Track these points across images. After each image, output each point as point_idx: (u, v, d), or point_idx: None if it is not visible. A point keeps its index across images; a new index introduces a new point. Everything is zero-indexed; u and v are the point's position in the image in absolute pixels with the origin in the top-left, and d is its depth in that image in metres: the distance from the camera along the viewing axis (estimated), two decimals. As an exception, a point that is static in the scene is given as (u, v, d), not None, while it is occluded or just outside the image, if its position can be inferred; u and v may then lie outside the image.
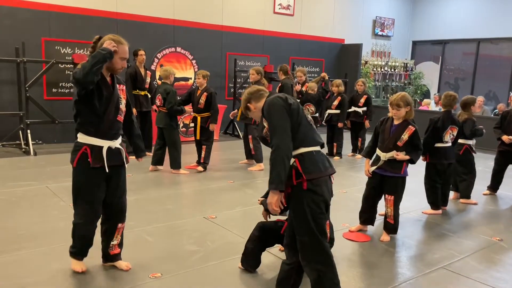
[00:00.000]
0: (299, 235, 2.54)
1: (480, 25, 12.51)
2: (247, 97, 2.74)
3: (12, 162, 6.37)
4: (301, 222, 2.51)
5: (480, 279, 3.28)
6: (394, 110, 3.83)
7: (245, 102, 2.75)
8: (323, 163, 2.55)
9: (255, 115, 2.78)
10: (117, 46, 2.77)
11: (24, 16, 7.41)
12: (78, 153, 2.82)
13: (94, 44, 2.82)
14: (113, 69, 2.84)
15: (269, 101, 2.56)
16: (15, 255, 3.33)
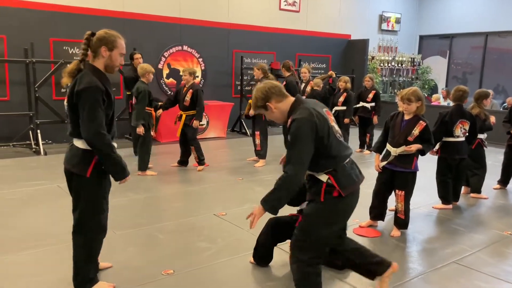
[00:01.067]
0: (303, 235, 2.51)
1: (488, 18, 12.39)
2: (265, 95, 2.49)
3: (23, 161, 6.43)
4: (312, 224, 2.50)
5: (492, 273, 3.27)
6: (405, 104, 3.81)
7: (262, 100, 2.50)
8: (355, 172, 2.53)
9: (273, 116, 2.54)
10: (116, 41, 2.60)
11: (32, 17, 7.46)
12: (92, 162, 2.57)
13: (86, 41, 2.57)
14: (112, 66, 2.63)
15: (299, 121, 2.35)
16: (30, 253, 3.38)
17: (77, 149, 2.59)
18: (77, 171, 2.58)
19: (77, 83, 2.50)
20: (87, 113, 2.46)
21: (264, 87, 2.51)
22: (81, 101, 2.46)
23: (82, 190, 2.61)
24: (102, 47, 2.57)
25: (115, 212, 4.35)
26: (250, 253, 3.33)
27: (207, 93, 9.62)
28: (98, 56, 2.59)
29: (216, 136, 9.03)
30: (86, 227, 2.67)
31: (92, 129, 2.47)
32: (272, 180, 5.72)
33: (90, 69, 2.57)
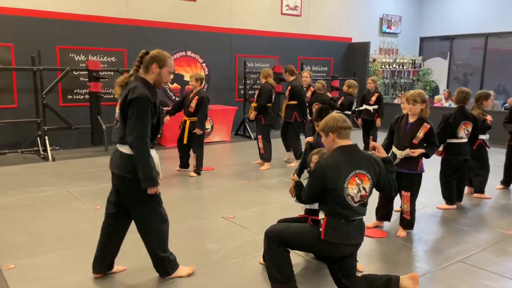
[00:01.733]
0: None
1: (488, 19, 12.49)
2: (335, 127, 2.69)
3: (32, 168, 6.53)
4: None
5: (498, 271, 3.35)
6: (410, 105, 3.89)
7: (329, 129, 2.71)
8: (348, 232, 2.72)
9: (328, 145, 2.78)
10: (166, 60, 2.88)
11: (38, 25, 7.57)
12: None
13: (140, 58, 2.88)
14: (160, 81, 2.91)
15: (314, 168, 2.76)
16: (45, 257, 3.46)
17: (128, 156, 2.81)
18: (132, 176, 2.80)
19: (130, 92, 2.75)
20: (134, 120, 2.72)
21: (337, 120, 2.73)
22: (131, 108, 2.72)
23: (139, 193, 2.83)
24: (153, 64, 2.85)
25: (126, 216, 4.45)
26: (260, 254, 3.41)
27: (211, 98, 9.69)
28: (149, 72, 2.87)
29: (220, 140, 9.12)
30: (153, 223, 2.95)
31: (136, 134, 2.72)
32: (278, 183, 5.83)
33: (141, 82, 2.83)
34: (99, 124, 7.46)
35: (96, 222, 4.21)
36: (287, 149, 7.24)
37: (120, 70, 7.93)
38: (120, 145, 2.86)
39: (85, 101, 7.92)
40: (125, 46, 8.47)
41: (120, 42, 8.41)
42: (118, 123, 2.89)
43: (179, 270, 3.12)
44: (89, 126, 7.62)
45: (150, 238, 2.99)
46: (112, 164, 2.92)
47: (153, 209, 2.94)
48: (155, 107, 2.82)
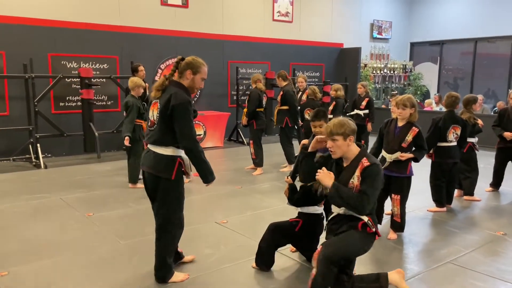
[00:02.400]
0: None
1: (476, 24, 12.67)
2: (349, 131, 2.76)
3: (24, 175, 6.51)
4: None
5: (487, 271, 3.40)
6: (399, 109, 3.97)
7: (344, 132, 2.75)
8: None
9: (337, 149, 2.80)
10: (200, 67, 2.99)
11: (30, 33, 7.58)
12: (175, 165, 2.95)
13: (176, 64, 2.99)
14: (193, 87, 3.01)
15: (376, 168, 2.75)
16: (38, 264, 3.46)
17: (161, 156, 2.95)
18: (163, 175, 2.94)
19: (172, 98, 2.86)
20: (183, 125, 2.88)
21: (352, 124, 2.83)
22: (179, 114, 2.86)
23: (169, 192, 2.98)
24: (188, 70, 2.96)
25: (119, 222, 4.47)
26: (253, 258, 3.44)
27: (204, 103, 9.78)
28: (183, 77, 2.98)
29: (213, 146, 9.15)
30: (171, 224, 3.05)
31: (191, 138, 2.91)
32: (271, 187, 5.86)
33: (179, 87, 2.95)
34: (91, 131, 7.45)
35: (89, 229, 4.25)
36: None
37: (112, 77, 7.95)
38: (155, 146, 2.97)
39: (77, 108, 7.92)
40: (117, 53, 8.50)
41: (112, 49, 8.43)
42: (154, 125, 2.97)
43: (174, 276, 3.16)
44: (81, 133, 7.61)
45: (164, 239, 3.06)
46: (144, 164, 3.03)
47: (175, 211, 3.04)
48: (194, 111, 3.04)
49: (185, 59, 2.99)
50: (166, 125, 2.91)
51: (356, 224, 2.76)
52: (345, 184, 2.78)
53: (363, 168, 2.73)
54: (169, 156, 2.95)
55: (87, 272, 3.32)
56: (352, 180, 2.75)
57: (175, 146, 2.97)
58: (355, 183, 2.74)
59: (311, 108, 7.12)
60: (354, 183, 2.74)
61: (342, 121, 2.80)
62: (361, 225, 2.76)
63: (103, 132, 7.83)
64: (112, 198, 5.34)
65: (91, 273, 3.31)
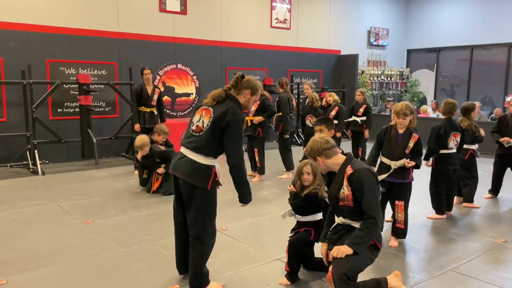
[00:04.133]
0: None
1: (473, 32, 12.76)
2: (319, 150, 2.81)
3: (22, 182, 6.47)
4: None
5: (488, 279, 3.39)
6: (400, 119, 3.98)
7: (315, 153, 2.82)
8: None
9: (320, 168, 2.92)
10: (258, 90, 3.08)
11: (28, 39, 7.57)
12: (211, 175, 2.95)
13: (237, 79, 3.03)
14: (246, 106, 3.08)
15: (359, 173, 2.73)
16: (37, 272, 3.42)
17: (199, 165, 2.93)
18: (200, 185, 2.93)
19: (230, 112, 2.89)
20: (235, 142, 2.93)
21: (317, 145, 2.84)
22: (233, 130, 2.90)
23: (204, 201, 2.98)
24: (248, 90, 3.03)
25: (118, 229, 4.43)
26: (253, 266, 3.42)
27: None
28: (240, 94, 3.03)
29: (211, 152, 9.12)
30: (206, 233, 3.03)
31: (239, 157, 2.96)
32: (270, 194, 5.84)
33: (236, 102, 3.00)
34: (89, 137, 7.43)
35: (88, 237, 4.22)
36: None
37: (110, 83, 7.94)
38: (194, 153, 2.94)
39: (76, 115, 7.90)
40: (116, 59, 8.49)
41: (110, 55, 8.43)
42: (201, 131, 2.95)
43: (210, 286, 3.11)
44: (79, 140, 7.58)
45: (200, 249, 3.02)
46: (178, 170, 2.98)
47: (209, 220, 3.03)
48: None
49: (246, 78, 3.04)
50: (214, 136, 2.92)
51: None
52: (335, 194, 2.82)
53: (348, 176, 2.76)
54: (208, 166, 2.95)
55: (86, 281, 3.28)
56: (342, 191, 2.78)
57: (215, 156, 3.00)
58: (345, 193, 2.77)
59: (312, 115, 7.15)
60: (344, 193, 2.78)
61: (309, 145, 2.88)
62: None
63: (101, 139, 7.80)
64: (110, 205, 5.31)
65: (91, 282, 3.27)
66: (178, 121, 8.97)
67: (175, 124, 8.61)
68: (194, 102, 9.69)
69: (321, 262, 3.39)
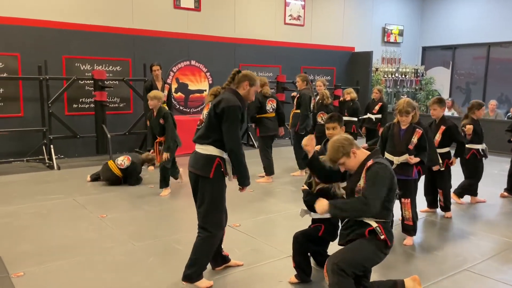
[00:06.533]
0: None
1: (490, 29, 12.56)
2: (339, 156, 2.73)
3: (38, 176, 6.57)
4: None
5: (504, 279, 3.35)
6: (403, 117, 3.97)
7: (342, 154, 2.73)
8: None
9: (348, 167, 2.80)
10: (256, 80, 3.17)
11: (44, 35, 7.66)
12: (214, 163, 3.02)
13: (233, 75, 3.15)
14: (247, 98, 3.17)
15: (377, 166, 2.68)
16: (53, 265, 3.48)
17: (201, 155, 3.06)
18: (202, 173, 3.03)
19: (222, 101, 3.00)
20: (230, 127, 2.99)
21: (338, 146, 2.75)
22: (228, 117, 2.98)
23: (207, 190, 3.06)
24: (246, 82, 3.13)
25: (133, 224, 4.48)
26: (267, 263, 3.43)
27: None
28: (240, 87, 3.14)
29: (224, 149, 9.15)
30: (210, 223, 3.09)
31: (234, 141, 3.01)
32: (283, 191, 5.84)
33: (232, 92, 3.11)
34: (104, 133, 7.51)
35: (103, 231, 4.27)
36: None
37: (125, 79, 8.01)
38: (197, 144, 3.10)
39: (91, 110, 7.99)
40: (130, 55, 8.55)
41: (125, 51, 8.49)
42: (202, 124, 3.14)
43: (200, 282, 3.13)
44: (94, 135, 7.67)
45: (202, 238, 3.09)
46: (189, 163, 3.15)
47: (213, 211, 3.09)
48: (242, 116, 3.08)
49: (242, 72, 3.16)
50: (210, 124, 3.04)
51: (363, 231, 2.69)
52: (352, 187, 2.76)
53: (367, 168, 2.71)
54: (208, 155, 3.04)
55: (103, 275, 3.33)
56: (359, 183, 2.72)
57: (216, 145, 3.05)
58: (361, 184, 2.70)
59: (324, 112, 7.10)
60: (360, 185, 2.71)
61: (336, 144, 2.76)
62: (368, 231, 2.68)
63: (115, 134, 7.88)
64: (125, 200, 5.37)
65: (107, 275, 3.32)
66: (191, 117, 9.00)
67: (188, 120, 8.65)
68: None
69: None
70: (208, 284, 3.15)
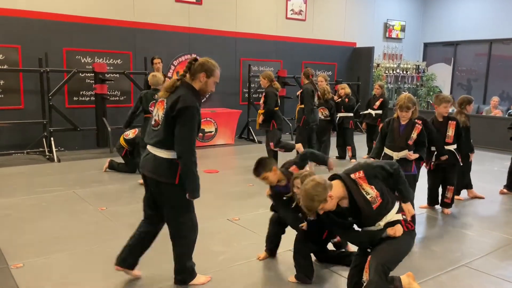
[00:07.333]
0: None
1: (492, 26, 12.51)
2: (317, 205, 2.60)
3: (38, 168, 6.57)
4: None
5: (503, 276, 3.36)
6: (403, 112, 3.97)
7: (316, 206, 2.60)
8: None
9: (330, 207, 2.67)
10: (214, 70, 2.86)
11: (45, 27, 7.65)
12: (178, 169, 2.78)
13: (189, 65, 2.86)
14: (205, 90, 2.89)
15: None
16: (53, 257, 3.50)
17: (163, 160, 2.80)
18: (165, 180, 2.80)
19: (180, 100, 2.71)
20: (184, 131, 2.72)
21: (310, 196, 2.59)
22: (182, 118, 2.71)
23: (173, 197, 2.85)
24: (202, 73, 2.82)
25: (132, 217, 4.47)
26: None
27: (215, 101, 9.79)
28: (196, 79, 2.84)
29: (224, 143, 9.15)
30: (184, 227, 2.93)
31: (186, 146, 2.73)
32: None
33: (189, 89, 2.82)
34: (104, 126, 7.51)
35: (102, 223, 4.29)
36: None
37: (125, 73, 7.99)
38: (156, 148, 2.83)
39: (91, 103, 7.98)
40: (131, 48, 8.54)
41: (126, 44, 8.48)
42: (158, 125, 2.82)
43: (196, 279, 3.08)
44: (94, 128, 7.67)
45: (180, 244, 2.97)
46: (145, 168, 2.89)
47: (185, 214, 2.92)
48: (199, 115, 2.83)
49: (199, 60, 2.86)
50: (169, 127, 2.76)
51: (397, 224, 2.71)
52: (366, 206, 2.69)
53: (363, 182, 2.69)
54: (172, 160, 2.78)
55: (102, 266, 3.34)
56: (369, 196, 2.67)
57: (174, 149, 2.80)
58: (373, 194, 2.69)
59: (324, 107, 7.11)
60: (371, 195, 2.67)
61: (309, 196, 2.60)
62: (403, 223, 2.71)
63: (116, 127, 7.87)
64: (124, 192, 5.37)
65: (107, 267, 3.32)
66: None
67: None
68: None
69: (333, 254, 3.41)
70: (206, 279, 3.12)
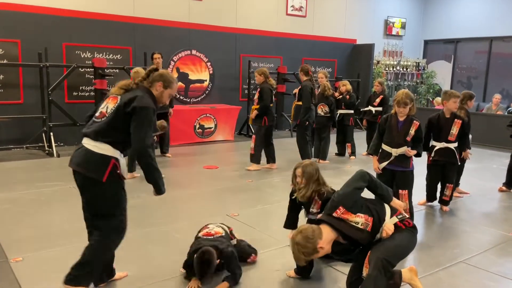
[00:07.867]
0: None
1: (492, 23, 12.50)
2: (309, 257, 2.58)
3: (38, 163, 6.58)
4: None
5: (500, 272, 3.38)
6: (401, 108, 3.98)
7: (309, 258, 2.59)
8: None
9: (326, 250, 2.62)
10: (172, 83, 2.87)
11: (45, 22, 7.63)
12: (108, 166, 2.64)
13: (149, 72, 2.85)
14: (160, 101, 2.88)
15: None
16: (52, 251, 3.51)
17: (93, 154, 2.64)
18: (93, 176, 2.63)
19: (136, 100, 2.68)
20: (142, 129, 2.66)
21: (302, 246, 2.54)
22: (139, 117, 2.66)
23: (98, 195, 2.69)
24: (159, 82, 2.83)
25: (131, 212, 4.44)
26: (266, 252, 3.45)
27: (215, 97, 9.79)
28: (153, 87, 2.84)
29: (224, 139, 9.15)
30: (110, 226, 2.76)
31: (145, 143, 2.66)
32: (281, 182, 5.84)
33: (147, 92, 2.80)
34: (104, 121, 7.49)
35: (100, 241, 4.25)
36: (316, 154, 7.20)
37: (125, 68, 7.98)
38: (90, 139, 2.67)
39: (91, 98, 7.98)
40: (131, 44, 8.52)
41: (125, 40, 8.46)
42: (104, 117, 2.70)
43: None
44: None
45: (98, 239, 2.76)
46: (73, 161, 2.71)
47: (111, 215, 2.75)
48: (155, 116, 2.83)
49: (159, 71, 2.86)
50: (116, 121, 2.67)
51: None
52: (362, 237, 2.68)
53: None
54: (104, 155, 2.64)
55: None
56: (360, 225, 2.66)
57: (114, 146, 2.68)
58: (361, 222, 2.68)
59: (324, 104, 7.10)
60: (361, 223, 2.67)
61: (300, 251, 2.55)
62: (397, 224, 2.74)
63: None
64: (124, 188, 5.37)
65: (104, 261, 3.33)
66: (191, 107, 8.99)
67: (188, 110, 8.65)
68: (207, 89, 9.70)
69: None
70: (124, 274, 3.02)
